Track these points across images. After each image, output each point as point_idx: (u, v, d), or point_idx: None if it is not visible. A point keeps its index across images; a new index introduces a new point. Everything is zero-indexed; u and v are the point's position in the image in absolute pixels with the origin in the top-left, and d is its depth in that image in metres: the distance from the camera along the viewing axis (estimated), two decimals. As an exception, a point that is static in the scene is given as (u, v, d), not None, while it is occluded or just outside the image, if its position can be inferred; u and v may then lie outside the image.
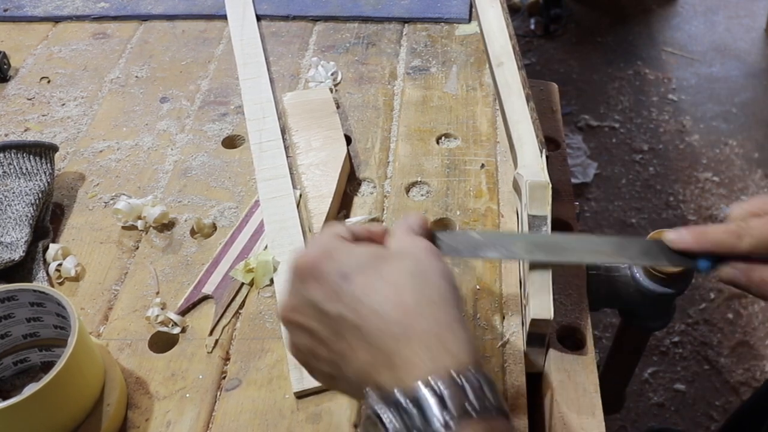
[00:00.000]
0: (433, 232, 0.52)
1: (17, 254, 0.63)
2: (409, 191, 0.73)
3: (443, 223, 0.70)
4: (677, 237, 0.54)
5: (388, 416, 0.38)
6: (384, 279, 0.43)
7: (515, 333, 0.60)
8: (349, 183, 0.74)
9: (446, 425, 0.37)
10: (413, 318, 0.41)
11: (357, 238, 0.48)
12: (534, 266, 0.57)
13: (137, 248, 0.68)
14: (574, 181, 1.92)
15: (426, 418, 0.37)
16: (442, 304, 0.43)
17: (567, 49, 2.41)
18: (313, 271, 0.45)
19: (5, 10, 0.99)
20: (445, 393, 0.38)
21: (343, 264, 0.44)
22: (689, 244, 0.53)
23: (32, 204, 0.67)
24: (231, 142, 0.80)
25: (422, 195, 0.73)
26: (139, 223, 0.69)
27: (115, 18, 0.97)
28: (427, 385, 0.38)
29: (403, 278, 0.43)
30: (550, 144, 0.78)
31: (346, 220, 0.70)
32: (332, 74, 0.87)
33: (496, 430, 0.38)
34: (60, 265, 0.65)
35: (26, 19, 0.98)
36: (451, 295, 0.44)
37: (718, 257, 0.53)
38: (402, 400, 0.38)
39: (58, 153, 0.74)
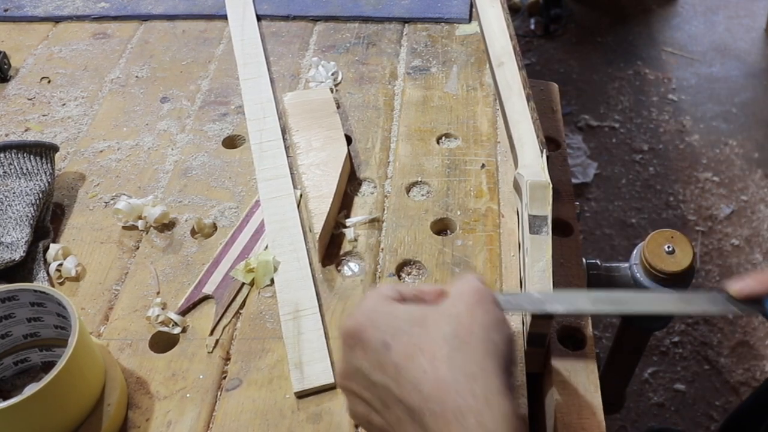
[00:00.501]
0: (493, 292, 0.50)
1: (18, 254, 0.63)
2: (409, 191, 0.73)
3: (443, 223, 0.70)
4: (743, 286, 0.53)
5: None
6: (421, 348, 0.41)
7: (515, 333, 0.60)
8: (350, 183, 0.74)
9: None
10: (449, 395, 0.39)
11: (405, 299, 0.46)
12: (534, 266, 0.57)
13: (138, 248, 0.68)
14: (574, 181, 1.92)
15: None
16: (480, 374, 0.40)
17: (567, 49, 2.41)
18: (358, 339, 0.44)
19: (5, 10, 0.99)
20: None
21: (384, 331, 0.43)
22: (754, 288, 0.52)
23: (33, 204, 0.67)
24: (231, 142, 0.80)
25: (422, 195, 0.73)
26: (140, 223, 0.69)
27: (116, 18, 0.97)
28: None
29: (439, 347, 0.41)
30: (551, 144, 0.78)
31: (347, 220, 0.70)
32: (333, 74, 0.87)
33: None
34: (60, 265, 0.65)
35: (26, 19, 0.98)
36: (493, 361, 0.41)
37: None
38: None
39: (58, 153, 0.74)
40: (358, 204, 0.72)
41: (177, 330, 0.61)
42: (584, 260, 0.67)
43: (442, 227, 0.70)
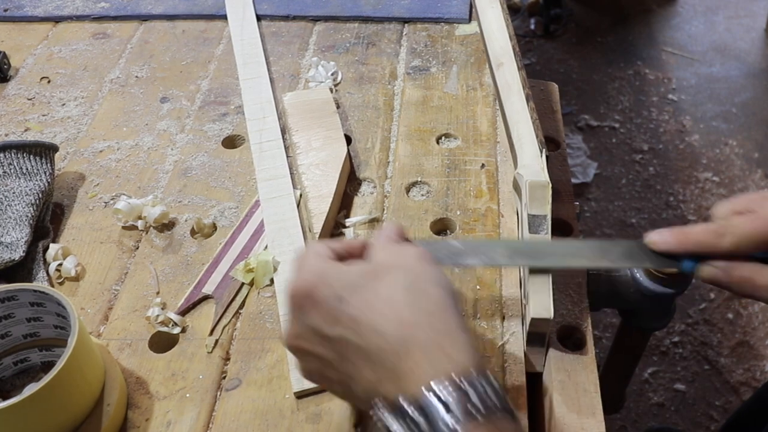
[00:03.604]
0: (412, 241, 0.52)
1: (17, 254, 0.63)
2: (409, 191, 0.73)
3: (443, 223, 0.70)
4: (659, 238, 0.54)
5: (395, 425, 0.39)
6: (379, 296, 0.43)
7: (515, 333, 0.60)
8: (350, 183, 0.74)
9: (452, 429, 0.37)
10: (412, 330, 0.41)
11: (339, 256, 0.48)
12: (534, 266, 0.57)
13: (137, 248, 0.68)
14: (574, 181, 1.92)
15: (432, 424, 0.38)
16: (439, 312, 0.43)
17: (567, 49, 2.41)
18: (309, 298, 0.45)
19: (5, 10, 0.99)
20: (449, 398, 0.38)
21: (337, 287, 0.44)
22: (671, 245, 0.53)
23: (32, 204, 0.67)
24: (231, 142, 0.80)
25: (422, 195, 0.73)
26: (140, 223, 0.69)
27: (115, 18, 0.97)
28: (430, 390, 0.38)
29: (397, 292, 0.43)
30: (550, 144, 0.78)
31: (347, 220, 0.70)
32: (332, 74, 0.87)
33: (503, 430, 0.39)
34: (60, 265, 0.65)
35: (26, 19, 0.98)
36: (448, 301, 0.44)
37: (702, 257, 0.53)
38: (407, 408, 0.39)
39: (58, 153, 0.74)
40: (357, 204, 0.72)
41: (177, 330, 0.61)
42: (584, 260, 0.67)
43: (441, 227, 0.70)
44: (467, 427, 0.37)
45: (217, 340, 0.60)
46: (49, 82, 0.88)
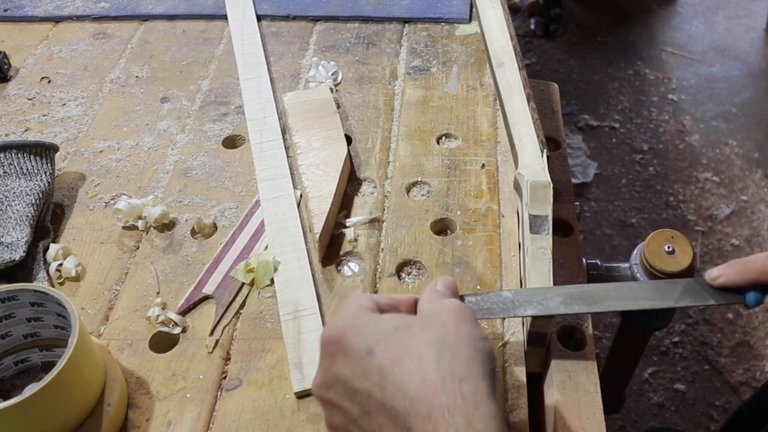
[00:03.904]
0: (462, 295, 0.51)
1: (18, 254, 0.63)
2: (409, 191, 0.73)
3: (443, 224, 0.70)
4: (719, 272, 0.52)
5: None
6: (408, 352, 0.41)
7: (516, 333, 0.60)
8: (350, 183, 0.74)
9: None
10: (437, 395, 0.39)
11: (382, 309, 0.46)
12: (534, 266, 0.57)
13: (138, 248, 0.68)
14: (574, 181, 1.92)
15: None
16: (469, 376, 0.40)
17: (567, 49, 2.41)
18: (339, 346, 0.43)
19: (5, 10, 0.99)
20: None
21: (368, 338, 0.43)
22: (732, 277, 0.52)
23: (33, 204, 0.67)
24: (231, 142, 0.80)
25: (423, 195, 0.73)
26: (140, 223, 0.69)
27: (116, 18, 0.97)
28: None
29: (426, 350, 0.41)
30: (551, 144, 0.78)
31: (347, 220, 0.70)
32: (332, 74, 0.87)
33: None
34: (60, 265, 0.65)
35: (26, 19, 0.98)
36: (479, 366, 0.41)
37: (766, 288, 0.51)
38: None
39: (58, 153, 0.74)
40: (358, 204, 0.72)
41: (177, 330, 0.61)
42: (584, 260, 0.67)
43: (442, 227, 0.70)
44: None
45: (217, 340, 0.60)
46: (49, 82, 0.88)
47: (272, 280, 0.64)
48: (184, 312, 0.62)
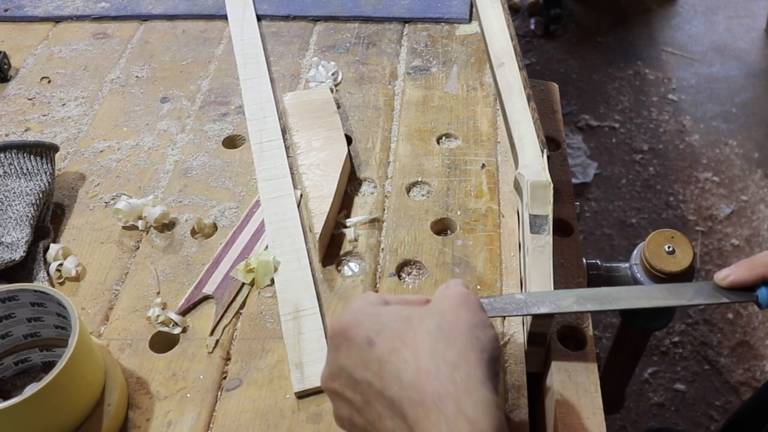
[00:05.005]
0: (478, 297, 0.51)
1: (18, 254, 0.63)
2: (409, 191, 0.73)
3: (444, 224, 0.70)
4: (728, 272, 0.52)
5: None
6: (405, 341, 0.42)
7: (516, 333, 0.60)
8: (350, 183, 0.74)
9: None
10: (429, 382, 0.39)
11: (389, 305, 0.46)
12: (535, 265, 0.57)
13: (138, 248, 0.68)
14: (574, 181, 1.92)
15: None
16: (462, 363, 0.40)
17: (567, 49, 2.41)
18: (344, 337, 0.44)
19: (5, 10, 0.99)
20: None
21: (369, 329, 0.43)
22: (741, 275, 0.52)
23: (33, 204, 0.67)
24: (231, 142, 0.80)
25: (423, 195, 0.73)
26: (140, 223, 0.69)
27: (116, 18, 0.97)
28: None
29: (423, 339, 0.41)
30: (551, 144, 0.78)
31: (347, 220, 0.70)
32: (333, 74, 0.87)
33: None
34: (61, 265, 0.65)
35: (26, 19, 0.98)
36: (475, 353, 0.41)
37: None
38: None
39: (58, 153, 0.74)
40: (358, 204, 0.72)
41: (177, 330, 0.61)
42: (584, 260, 0.67)
43: (442, 227, 0.70)
44: None
45: (217, 340, 0.60)
46: (49, 82, 0.88)
47: (272, 280, 0.64)
48: (184, 312, 0.62)
